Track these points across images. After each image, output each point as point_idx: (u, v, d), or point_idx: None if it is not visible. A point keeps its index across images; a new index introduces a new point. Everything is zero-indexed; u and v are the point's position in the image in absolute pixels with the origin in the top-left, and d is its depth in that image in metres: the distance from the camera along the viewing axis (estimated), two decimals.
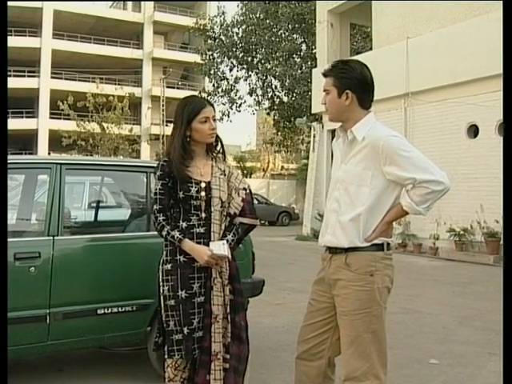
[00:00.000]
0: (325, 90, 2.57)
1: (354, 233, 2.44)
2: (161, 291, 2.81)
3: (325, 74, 2.59)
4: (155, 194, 2.82)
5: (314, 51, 20.87)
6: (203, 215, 2.81)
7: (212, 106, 2.93)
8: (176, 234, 2.74)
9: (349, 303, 2.44)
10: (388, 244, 2.50)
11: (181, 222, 2.79)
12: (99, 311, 3.50)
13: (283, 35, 23.58)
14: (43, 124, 37.12)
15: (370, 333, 2.43)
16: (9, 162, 3.42)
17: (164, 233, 2.76)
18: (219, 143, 2.99)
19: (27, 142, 38.45)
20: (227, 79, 25.09)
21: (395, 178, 2.43)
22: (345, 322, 2.47)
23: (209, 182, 2.84)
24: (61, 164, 3.65)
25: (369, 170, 2.44)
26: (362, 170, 2.45)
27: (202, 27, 25.59)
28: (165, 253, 2.83)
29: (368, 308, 2.43)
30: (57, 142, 30.47)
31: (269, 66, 23.49)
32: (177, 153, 2.80)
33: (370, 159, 2.43)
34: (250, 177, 35.36)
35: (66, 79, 37.80)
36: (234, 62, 24.61)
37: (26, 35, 36.92)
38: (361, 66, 2.57)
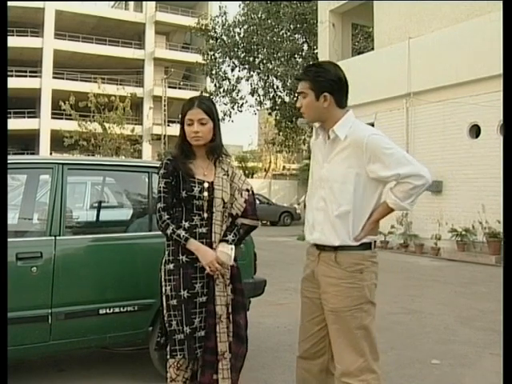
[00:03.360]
0: (300, 93, 2.57)
1: (344, 231, 2.48)
2: (163, 291, 2.82)
3: (299, 78, 2.59)
4: (159, 192, 2.82)
5: (315, 51, 20.86)
6: (205, 215, 2.81)
7: (201, 108, 2.83)
8: (182, 232, 2.74)
9: (340, 300, 2.48)
10: (374, 242, 2.57)
11: (183, 221, 2.79)
12: (101, 311, 3.50)
13: (285, 35, 23.57)
14: (45, 124, 37.16)
15: (362, 329, 2.48)
16: (11, 162, 3.44)
17: (169, 231, 2.76)
18: (217, 148, 2.92)
19: (29, 142, 38.49)
20: (229, 79, 25.11)
21: (379, 176, 2.47)
22: (336, 318, 2.50)
23: (212, 183, 2.85)
24: (63, 164, 3.65)
25: (353, 168, 2.47)
26: (346, 168, 2.48)
27: (203, 27, 25.60)
28: (167, 252, 2.84)
29: (359, 304, 2.48)
30: (58, 142, 30.48)
31: (270, 66, 23.49)
32: (176, 151, 2.88)
33: (354, 158, 2.46)
34: (252, 177, 35.34)
35: (67, 79, 37.83)
36: (236, 62, 24.63)
37: (27, 35, 36.95)
38: (334, 66, 2.60)
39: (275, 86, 24.24)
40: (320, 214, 2.56)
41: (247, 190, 2.96)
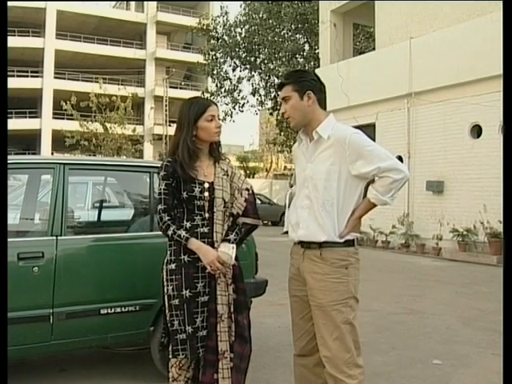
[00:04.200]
0: (283, 98, 2.70)
1: (330, 227, 2.56)
2: (165, 291, 2.82)
3: (282, 84, 2.72)
4: (159, 194, 2.83)
5: (316, 51, 20.86)
6: (207, 215, 2.82)
7: (216, 105, 2.96)
8: (182, 233, 2.75)
9: (326, 295, 2.54)
10: (357, 239, 2.65)
11: (185, 221, 2.80)
12: (102, 311, 3.50)
13: (286, 35, 23.58)
14: (46, 124, 37.17)
15: (347, 324, 2.55)
16: (12, 162, 3.44)
17: (170, 232, 2.76)
18: (220, 144, 3.01)
19: (30, 141, 38.54)
20: (230, 79, 25.10)
21: (360, 172, 2.56)
22: (323, 313, 2.56)
23: (212, 183, 2.85)
24: (64, 164, 3.65)
25: (335, 165, 2.57)
26: (329, 166, 2.57)
27: (204, 27, 25.58)
28: (169, 252, 2.84)
29: (345, 299, 2.55)
30: (60, 142, 30.51)
31: (272, 66, 23.49)
32: (185, 152, 2.82)
33: (337, 156, 2.56)
34: (253, 177, 35.36)
35: (69, 79, 37.85)
36: (237, 62, 24.62)
37: (29, 35, 36.98)
38: (313, 72, 2.82)
39: (276, 86, 24.21)
40: (305, 211, 2.63)
41: (247, 190, 2.97)
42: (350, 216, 2.59)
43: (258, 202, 21.56)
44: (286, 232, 2.85)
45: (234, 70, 25.06)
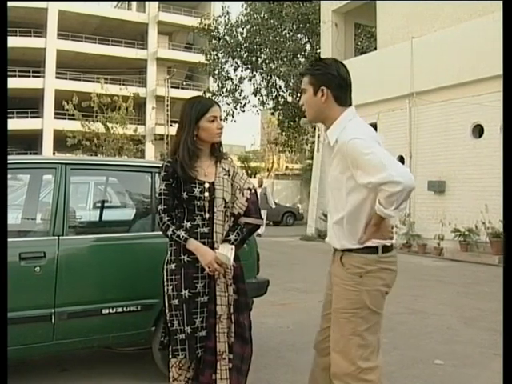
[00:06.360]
0: (301, 90, 2.59)
1: (341, 236, 2.49)
2: (165, 291, 2.82)
3: (302, 74, 2.60)
4: (159, 194, 2.83)
5: (318, 51, 20.85)
6: (207, 215, 2.81)
7: (219, 105, 2.95)
8: (181, 233, 2.75)
9: (338, 301, 2.48)
10: (385, 246, 2.45)
11: (185, 221, 2.80)
12: (104, 311, 3.51)
13: (287, 35, 23.58)
14: (48, 124, 37.20)
15: (356, 335, 2.40)
16: (14, 162, 3.45)
17: (169, 233, 2.77)
18: (221, 144, 3.00)
19: (32, 141, 38.55)
20: (232, 79, 25.10)
21: (362, 183, 2.37)
22: (334, 319, 2.50)
23: (212, 183, 2.84)
24: (66, 164, 3.66)
25: (343, 173, 2.42)
26: (338, 173, 2.46)
27: (206, 27, 25.58)
28: (169, 252, 2.84)
29: (355, 309, 2.41)
30: (61, 141, 30.49)
31: (273, 66, 23.49)
32: (185, 152, 2.81)
33: (343, 163, 2.41)
34: (255, 177, 35.31)
35: (70, 79, 37.86)
36: (239, 61, 24.63)
37: (30, 35, 37.01)
38: (336, 63, 2.55)
39: (278, 86, 24.24)
40: (329, 218, 2.64)
41: (249, 189, 2.95)
42: (368, 222, 2.42)
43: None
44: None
45: (235, 70, 25.08)
